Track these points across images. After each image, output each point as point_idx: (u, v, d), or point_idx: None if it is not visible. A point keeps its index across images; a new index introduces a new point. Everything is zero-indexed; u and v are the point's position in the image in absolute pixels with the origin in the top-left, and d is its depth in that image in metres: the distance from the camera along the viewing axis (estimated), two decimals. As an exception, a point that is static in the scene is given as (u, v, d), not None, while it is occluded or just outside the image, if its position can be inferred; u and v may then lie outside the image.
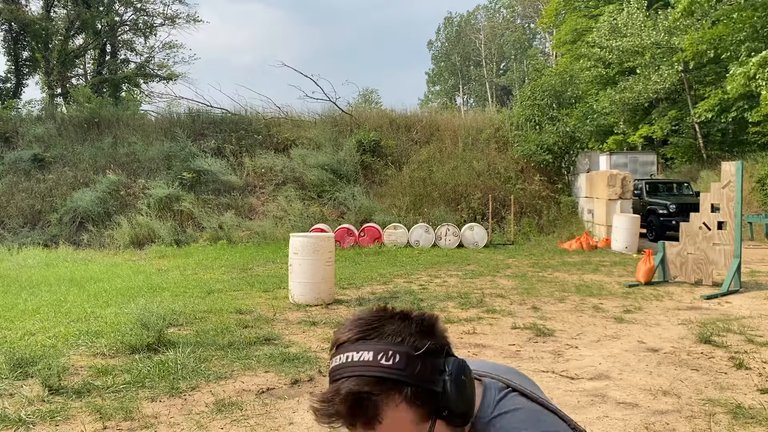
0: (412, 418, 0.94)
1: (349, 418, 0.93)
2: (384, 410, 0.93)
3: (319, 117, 20.20)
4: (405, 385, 0.93)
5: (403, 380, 0.92)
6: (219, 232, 15.11)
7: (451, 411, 0.95)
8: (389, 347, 0.94)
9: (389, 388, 0.92)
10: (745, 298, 7.93)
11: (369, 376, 0.92)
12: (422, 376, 0.94)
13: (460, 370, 0.97)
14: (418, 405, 0.94)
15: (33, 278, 9.67)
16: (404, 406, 0.94)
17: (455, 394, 0.95)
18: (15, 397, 4.21)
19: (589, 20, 28.60)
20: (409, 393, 0.93)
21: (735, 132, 22.86)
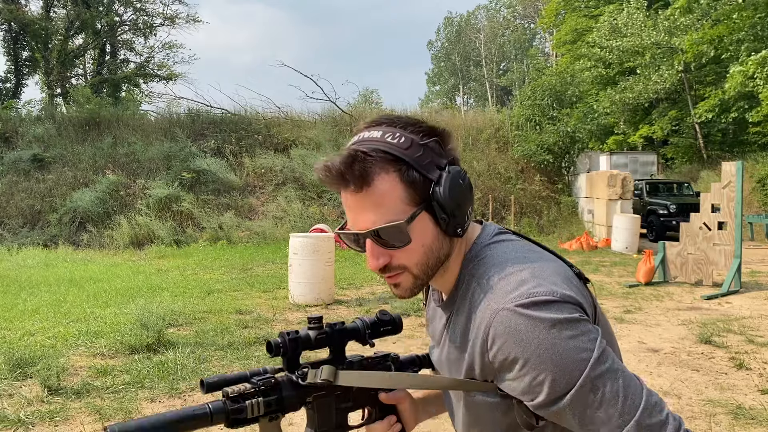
0: (400, 195, 0.96)
1: (341, 171, 0.95)
2: (375, 173, 0.95)
3: (319, 117, 20.21)
4: (401, 162, 0.95)
5: (401, 156, 0.95)
6: (219, 232, 15.10)
7: (440, 205, 0.96)
8: (397, 131, 0.97)
9: (386, 159, 0.95)
10: (746, 299, 7.92)
11: (370, 146, 0.96)
12: (420, 161, 0.96)
13: (458, 174, 0.99)
14: (409, 185, 0.96)
15: (32, 278, 9.66)
16: (395, 179, 0.95)
17: (447, 189, 0.96)
18: (14, 397, 4.21)
19: (589, 20, 28.61)
20: (405, 171, 0.95)
21: (735, 132, 22.86)
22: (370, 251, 0.99)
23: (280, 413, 1.04)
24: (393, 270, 1.00)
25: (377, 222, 0.96)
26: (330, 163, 0.96)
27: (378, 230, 0.96)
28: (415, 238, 0.97)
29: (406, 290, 1.03)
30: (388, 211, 0.96)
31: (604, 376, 0.88)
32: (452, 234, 1.00)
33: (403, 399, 1.18)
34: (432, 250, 1.00)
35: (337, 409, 1.10)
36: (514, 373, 0.92)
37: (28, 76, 30.41)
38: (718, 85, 21.10)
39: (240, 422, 0.98)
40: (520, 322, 0.90)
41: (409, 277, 1.01)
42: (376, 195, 0.95)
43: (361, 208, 0.97)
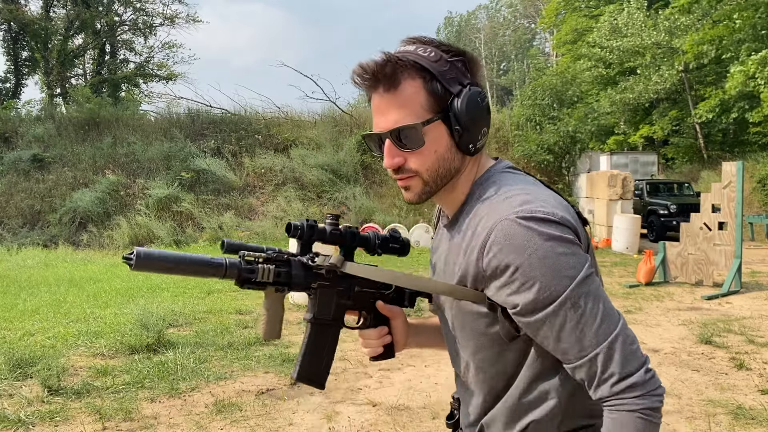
0: (421, 101, 1.05)
1: (374, 72, 1.04)
2: (402, 78, 1.04)
3: (319, 117, 20.20)
4: (427, 72, 1.04)
5: (427, 67, 1.04)
6: (218, 232, 15.10)
7: (456, 117, 1.05)
8: (429, 47, 1.07)
9: (414, 67, 1.04)
10: (746, 299, 7.92)
11: (403, 55, 1.05)
12: (444, 75, 1.05)
13: (478, 93, 1.07)
14: (430, 94, 1.05)
15: (32, 278, 9.66)
16: (419, 86, 1.04)
17: (464, 104, 1.05)
18: (14, 397, 4.21)
19: (589, 20, 28.61)
20: (429, 80, 1.04)
21: (736, 132, 22.86)
22: (387, 151, 1.08)
23: (287, 287, 1.12)
24: (405, 172, 1.09)
25: (398, 122, 1.05)
26: (365, 63, 1.06)
27: (396, 130, 1.05)
28: (429, 143, 1.06)
29: (415, 194, 1.12)
30: (408, 114, 1.05)
31: (587, 296, 0.96)
32: (464, 149, 1.08)
33: (397, 314, 1.26)
34: (444, 158, 1.08)
35: (336, 303, 1.18)
36: (504, 279, 0.99)
37: (27, 76, 30.44)
38: (719, 85, 21.09)
39: (250, 282, 1.07)
40: (519, 231, 0.97)
41: (419, 182, 1.10)
42: (401, 97, 1.05)
43: (386, 108, 1.06)
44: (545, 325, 0.97)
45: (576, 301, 0.95)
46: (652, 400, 0.96)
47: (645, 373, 0.96)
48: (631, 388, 0.95)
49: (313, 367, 1.18)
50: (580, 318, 0.95)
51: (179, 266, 1.02)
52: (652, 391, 0.96)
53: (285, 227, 1.13)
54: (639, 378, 0.96)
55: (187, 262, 1.03)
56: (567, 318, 0.96)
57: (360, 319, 1.25)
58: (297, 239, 1.14)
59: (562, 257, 0.96)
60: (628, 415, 0.95)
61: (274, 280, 1.09)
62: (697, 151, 23.33)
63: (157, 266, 1.01)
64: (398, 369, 5.00)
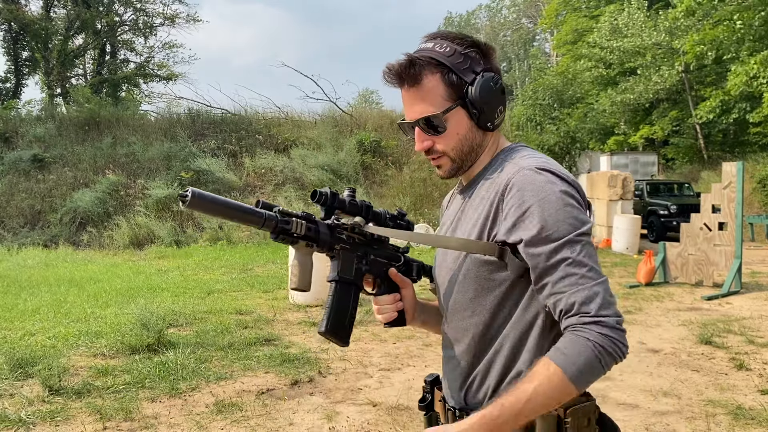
0: (441, 93, 1.21)
1: (399, 72, 1.21)
2: (423, 75, 1.20)
3: (319, 117, 20.20)
4: (444, 66, 1.20)
5: (444, 62, 1.20)
6: (219, 232, 15.10)
7: (472, 103, 1.21)
8: (446, 42, 1.22)
9: (433, 63, 1.20)
10: (746, 299, 7.92)
11: (423, 54, 1.21)
12: (459, 66, 1.20)
13: (491, 78, 1.22)
14: (448, 85, 1.21)
15: (33, 278, 9.66)
16: (438, 79, 1.21)
17: (478, 89, 1.20)
18: (15, 397, 4.21)
19: (589, 20, 28.61)
20: (446, 73, 1.20)
21: (736, 133, 22.85)
22: (417, 136, 1.26)
23: (315, 244, 1.25)
24: (434, 153, 1.26)
25: (422, 113, 1.22)
26: (391, 65, 1.22)
27: (422, 119, 1.22)
28: (451, 127, 1.23)
29: (446, 171, 1.29)
30: (431, 105, 1.22)
31: (583, 245, 1.11)
32: (483, 127, 1.25)
33: (407, 285, 1.40)
34: (466, 138, 1.25)
35: (356, 267, 1.31)
36: (517, 216, 1.13)
37: (28, 76, 30.44)
38: (719, 85, 21.08)
39: (285, 233, 1.20)
40: (537, 178, 1.13)
41: (447, 161, 1.27)
42: (423, 91, 1.22)
43: (412, 101, 1.23)
44: (542, 257, 1.10)
45: (573, 245, 1.10)
46: (610, 343, 1.05)
47: (615, 323, 1.07)
48: (598, 324, 1.06)
49: (338, 323, 1.28)
50: (573, 259, 1.09)
51: (226, 210, 1.13)
52: (615, 339, 1.06)
53: (311, 194, 1.28)
54: (609, 321, 1.06)
55: (234, 208, 1.14)
56: (563, 256, 1.09)
57: (374, 286, 1.38)
58: (321, 205, 1.28)
59: (569, 208, 1.12)
60: (583, 340, 1.05)
61: (305, 234, 1.21)
62: (698, 152, 23.33)
63: (208, 207, 1.11)
64: (398, 369, 5.00)
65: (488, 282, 1.20)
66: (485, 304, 1.21)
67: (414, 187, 16.71)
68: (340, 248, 1.28)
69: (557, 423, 1.14)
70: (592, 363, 1.05)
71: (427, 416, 1.41)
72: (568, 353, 1.05)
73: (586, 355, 1.04)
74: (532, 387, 1.06)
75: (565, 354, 1.05)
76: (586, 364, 1.04)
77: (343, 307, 1.28)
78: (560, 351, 1.06)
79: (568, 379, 1.05)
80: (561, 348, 1.07)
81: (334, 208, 1.28)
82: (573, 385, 1.05)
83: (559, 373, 1.05)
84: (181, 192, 1.09)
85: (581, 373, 1.05)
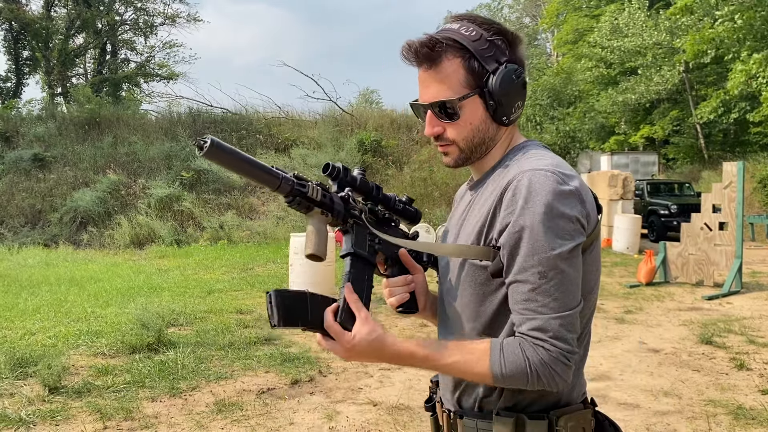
0: (459, 78, 1.14)
1: (417, 50, 1.14)
2: (443, 57, 1.13)
3: (320, 117, 20.22)
4: (467, 51, 1.13)
5: (467, 46, 1.13)
6: (219, 232, 15.10)
7: (491, 94, 1.14)
8: (472, 25, 1.15)
9: (455, 46, 1.13)
10: (747, 299, 7.92)
11: (445, 35, 1.14)
12: (483, 53, 1.13)
13: (514, 70, 1.15)
14: (469, 71, 1.14)
15: (33, 278, 9.67)
16: (459, 64, 1.14)
17: (499, 81, 1.14)
18: (15, 396, 4.21)
19: (590, 20, 28.57)
20: (467, 57, 1.13)
21: (736, 132, 22.83)
22: (428, 120, 1.20)
23: (330, 213, 1.19)
24: (444, 140, 1.20)
25: (437, 96, 1.16)
26: (411, 42, 1.15)
27: (436, 103, 1.16)
28: (464, 116, 1.16)
29: (452, 160, 1.23)
30: (447, 89, 1.15)
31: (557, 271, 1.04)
32: (498, 121, 1.19)
33: (418, 270, 1.35)
34: (478, 129, 1.18)
35: (369, 243, 1.26)
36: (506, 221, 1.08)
37: (28, 76, 30.45)
38: (720, 85, 21.06)
39: (301, 196, 1.14)
40: (541, 177, 1.07)
41: (455, 150, 1.21)
42: (442, 74, 1.14)
43: (428, 82, 1.16)
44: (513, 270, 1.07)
45: (545, 271, 1.04)
46: (547, 372, 1.03)
47: (561, 355, 1.03)
48: (546, 350, 1.03)
49: None
50: (538, 288, 1.04)
51: (242, 165, 1.08)
52: (555, 371, 1.03)
53: (323, 167, 1.25)
54: (554, 352, 1.03)
55: (251, 164, 1.09)
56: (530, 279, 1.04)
57: (386, 267, 1.33)
58: (332, 179, 1.25)
59: (560, 221, 1.05)
60: (523, 355, 1.04)
61: (321, 200, 1.17)
62: (698, 152, 23.31)
63: (225, 159, 1.06)
64: (399, 369, 5.00)
65: (484, 287, 1.16)
66: (481, 310, 1.17)
67: (414, 187, 16.71)
68: (354, 222, 1.24)
69: (548, 430, 1.12)
70: (521, 377, 1.04)
71: (433, 417, 1.37)
72: (506, 356, 1.05)
73: (520, 368, 1.04)
74: (459, 359, 1.08)
75: (503, 355, 1.05)
76: (515, 375, 1.04)
77: (359, 283, 1.20)
78: (502, 348, 1.06)
79: (491, 375, 1.06)
80: (505, 346, 1.06)
81: (346, 183, 1.25)
82: (491, 380, 1.07)
83: (487, 365, 1.06)
84: (199, 138, 1.04)
85: (504, 377, 1.05)
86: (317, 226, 1.18)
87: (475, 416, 1.19)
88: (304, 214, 1.18)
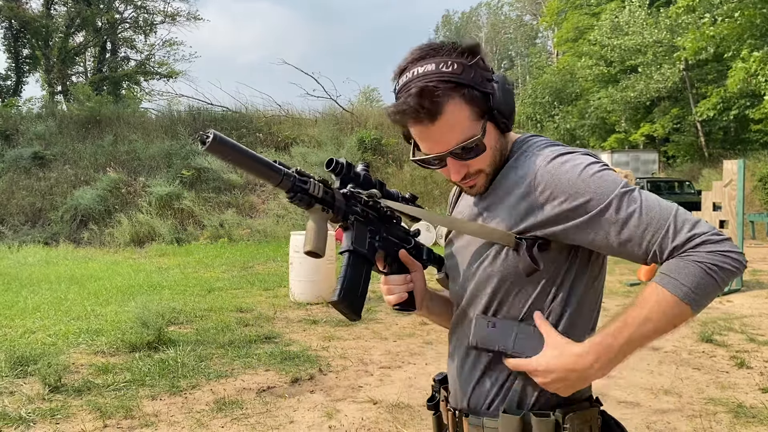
0: (467, 115, 1.11)
1: (415, 108, 1.08)
2: (445, 104, 1.09)
3: (320, 115, 20.20)
4: (462, 86, 1.09)
5: (461, 82, 1.09)
6: (220, 230, 15.10)
7: (500, 112, 1.13)
8: (446, 59, 1.10)
9: (450, 87, 1.09)
10: (747, 297, 7.91)
11: (431, 80, 1.09)
12: (476, 80, 1.10)
13: (504, 79, 1.15)
14: (472, 104, 1.11)
15: (33, 276, 9.67)
16: (461, 102, 1.10)
17: (502, 96, 1.13)
18: (15, 395, 4.21)
19: (590, 18, 28.53)
20: (466, 93, 1.10)
21: (737, 130, 22.83)
22: (452, 167, 1.16)
23: (331, 210, 1.18)
24: (470, 176, 1.18)
25: (456, 141, 1.12)
26: (402, 106, 1.09)
27: (460, 148, 1.12)
28: (487, 144, 1.15)
29: (481, 186, 1.21)
30: (462, 131, 1.11)
31: (638, 191, 1.07)
32: (507, 131, 1.18)
33: (418, 267, 1.33)
34: (497, 148, 1.18)
35: (369, 240, 1.24)
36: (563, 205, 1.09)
37: (28, 74, 30.43)
38: (720, 83, 21.05)
39: (303, 192, 1.13)
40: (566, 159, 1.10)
41: (483, 177, 1.19)
42: (451, 120, 1.10)
43: (438, 134, 1.12)
44: (611, 225, 1.06)
45: (631, 196, 1.06)
46: (721, 258, 1.01)
47: (716, 235, 1.02)
48: (703, 244, 1.02)
49: (352, 294, 1.21)
50: (639, 208, 1.05)
51: (244, 160, 1.07)
52: (724, 252, 1.01)
53: (326, 163, 1.23)
54: (710, 237, 1.02)
55: (253, 159, 1.08)
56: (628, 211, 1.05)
57: (385, 265, 1.31)
58: (336, 174, 1.23)
59: (606, 172, 1.09)
60: (692, 263, 1.01)
61: (322, 197, 1.15)
62: (698, 149, 23.31)
63: (227, 153, 1.05)
64: (399, 367, 5.00)
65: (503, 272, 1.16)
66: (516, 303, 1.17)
67: (414, 185, 16.70)
68: (355, 219, 1.22)
69: (555, 428, 1.12)
70: (705, 281, 1.01)
71: (436, 416, 1.36)
72: (676, 276, 1.02)
73: (697, 275, 1.01)
74: (644, 313, 1.04)
75: (672, 277, 1.02)
76: (699, 285, 1.01)
77: (356, 279, 1.20)
78: (667, 275, 1.03)
79: (681, 300, 1.02)
80: (667, 272, 1.03)
81: (349, 180, 1.24)
82: (687, 306, 1.02)
83: (673, 300, 1.02)
84: (202, 132, 1.03)
85: (694, 293, 1.01)
86: (317, 222, 1.18)
87: (481, 414, 1.19)
88: (305, 209, 1.17)
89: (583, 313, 1.20)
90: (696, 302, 1.02)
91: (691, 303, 1.02)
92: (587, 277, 1.19)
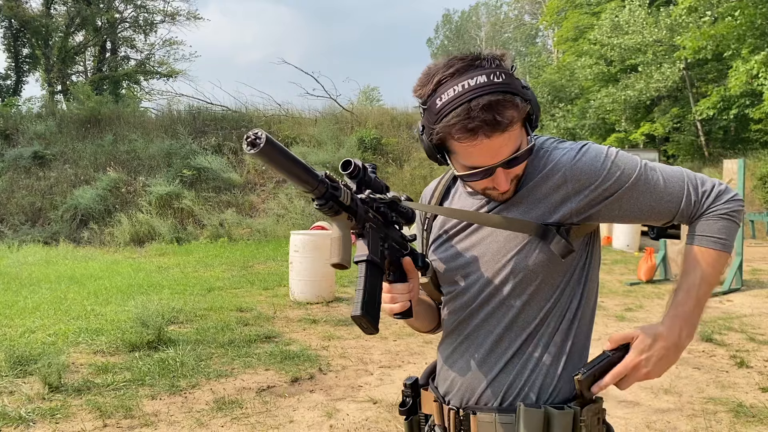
0: (519, 124, 1.14)
1: (490, 122, 1.07)
2: (511, 115, 1.10)
3: (320, 114, 20.18)
4: (513, 95, 1.10)
5: (513, 92, 1.10)
6: (219, 229, 15.09)
7: (536, 117, 1.17)
8: (495, 70, 1.11)
9: (509, 98, 1.10)
10: (747, 297, 7.92)
11: (493, 90, 1.08)
12: (518, 88, 1.12)
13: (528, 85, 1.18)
14: (520, 112, 1.12)
15: (33, 276, 9.67)
16: (515, 111, 1.11)
17: (535, 101, 1.16)
18: (15, 394, 4.21)
19: (590, 17, 28.51)
20: (516, 100, 1.11)
21: (737, 130, 22.81)
22: (502, 177, 1.16)
23: (354, 218, 1.15)
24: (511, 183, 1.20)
25: (509, 151, 1.13)
26: (472, 122, 1.07)
27: (514, 157, 1.14)
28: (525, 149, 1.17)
29: (511, 191, 1.22)
30: (516, 139, 1.13)
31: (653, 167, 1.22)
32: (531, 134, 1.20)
33: (415, 275, 1.32)
34: None
35: (381, 247, 1.22)
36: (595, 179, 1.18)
37: (28, 73, 30.38)
38: (720, 82, 21.03)
39: (333, 199, 1.09)
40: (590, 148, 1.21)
41: (515, 182, 1.21)
42: (513, 129, 1.12)
43: (497, 146, 1.12)
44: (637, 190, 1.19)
45: (651, 166, 1.22)
46: (734, 205, 1.21)
47: (720, 185, 1.22)
48: (717, 197, 1.21)
49: (371, 307, 1.16)
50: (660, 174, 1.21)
51: (289, 165, 1.02)
52: (733, 198, 1.21)
53: (342, 164, 1.18)
54: (719, 189, 1.22)
55: (297, 164, 1.04)
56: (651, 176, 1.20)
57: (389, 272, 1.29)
58: (352, 177, 1.20)
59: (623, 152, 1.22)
60: (717, 218, 1.20)
61: (350, 204, 1.13)
62: (698, 149, 23.29)
63: (275, 158, 1.00)
64: (399, 366, 5.00)
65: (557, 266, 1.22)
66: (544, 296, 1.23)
67: (414, 185, 16.70)
68: (369, 227, 1.19)
69: (573, 420, 1.16)
70: (731, 227, 1.21)
71: (408, 421, 1.36)
72: (711, 233, 1.20)
73: (724, 226, 1.20)
74: (698, 275, 1.20)
75: (707, 236, 1.20)
76: (728, 233, 1.20)
77: (374, 290, 1.16)
78: (702, 235, 1.20)
79: (722, 252, 1.20)
80: (701, 233, 1.21)
81: (365, 183, 1.21)
82: (726, 254, 1.20)
83: (712, 252, 1.20)
84: (251, 133, 0.97)
85: (727, 240, 1.20)
86: (343, 231, 1.15)
87: (492, 411, 1.19)
88: (331, 217, 1.13)
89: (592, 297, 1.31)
90: (730, 246, 1.21)
91: (728, 249, 1.20)
92: (595, 262, 1.30)
